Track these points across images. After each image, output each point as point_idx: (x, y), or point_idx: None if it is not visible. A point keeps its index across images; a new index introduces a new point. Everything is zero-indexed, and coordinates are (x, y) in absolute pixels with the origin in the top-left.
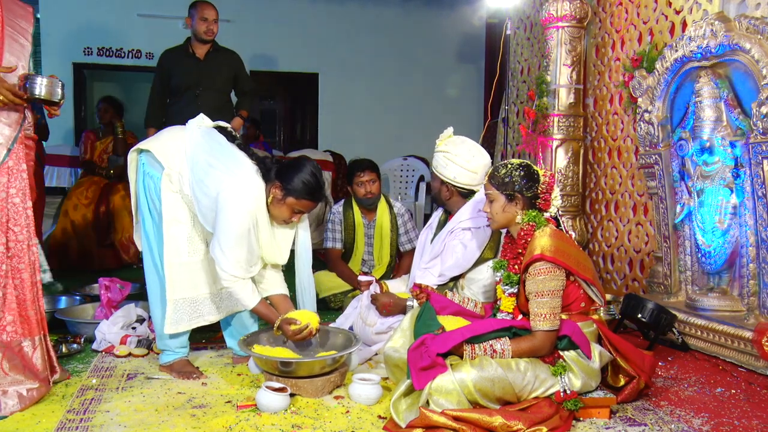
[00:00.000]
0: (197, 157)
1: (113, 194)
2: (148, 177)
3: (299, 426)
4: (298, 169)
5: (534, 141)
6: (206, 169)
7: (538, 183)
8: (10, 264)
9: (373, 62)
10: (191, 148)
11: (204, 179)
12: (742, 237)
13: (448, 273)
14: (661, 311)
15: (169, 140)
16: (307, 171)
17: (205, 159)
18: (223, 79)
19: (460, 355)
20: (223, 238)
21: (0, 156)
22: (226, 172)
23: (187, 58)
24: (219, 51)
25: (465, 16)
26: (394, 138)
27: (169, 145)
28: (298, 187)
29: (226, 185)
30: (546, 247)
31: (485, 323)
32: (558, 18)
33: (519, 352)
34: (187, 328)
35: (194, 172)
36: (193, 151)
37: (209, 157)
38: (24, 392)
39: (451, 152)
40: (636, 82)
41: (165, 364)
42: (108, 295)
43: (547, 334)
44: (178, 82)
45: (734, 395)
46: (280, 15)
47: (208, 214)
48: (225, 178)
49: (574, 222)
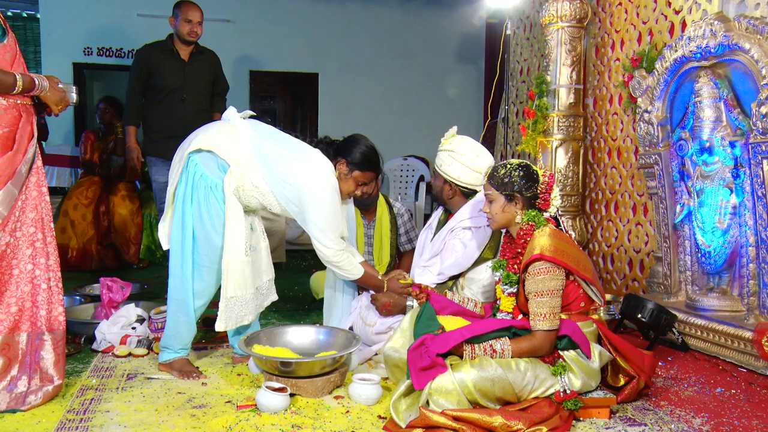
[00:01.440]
0: (263, 150)
1: (113, 194)
2: (199, 177)
3: (299, 426)
4: (356, 143)
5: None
6: (279, 160)
7: (538, 183)
8: (50, 259)
9: (372, 62)
10: (251, 142)
11: (281, 170)
12: (741, 237)
13: (447, 272)
14: (661, 311)
15: (224, 137)
16: (365, 143)
17: (273, 150)
18: (206, 81)
19: (460, 355)
20: (320, 219)
21: (29, 155)
22: (301, 160)
23: (171, 59)
24: (202, 52)
25: (465, 16)
26: (394, 138)
27: (229, 143)
28: (362, 160)
29: (309, 171)
30: (546, 247)
31: (485, 323)
32: (558, 18)
33: (519, 351)
34: (232, 327)
35: (267, 165)
36: (256, 145)
37: (276, 148)
38: (50, 388)
39: (456, 151)
40: (636, 82)
41: (165, 362)
42: (109, 295)
43: (547, 333)
44: (162, 83)
45: (734, 395)
46: (280, 15)
47: (289, 203)
48: (303, 165)
49: (574, 222)
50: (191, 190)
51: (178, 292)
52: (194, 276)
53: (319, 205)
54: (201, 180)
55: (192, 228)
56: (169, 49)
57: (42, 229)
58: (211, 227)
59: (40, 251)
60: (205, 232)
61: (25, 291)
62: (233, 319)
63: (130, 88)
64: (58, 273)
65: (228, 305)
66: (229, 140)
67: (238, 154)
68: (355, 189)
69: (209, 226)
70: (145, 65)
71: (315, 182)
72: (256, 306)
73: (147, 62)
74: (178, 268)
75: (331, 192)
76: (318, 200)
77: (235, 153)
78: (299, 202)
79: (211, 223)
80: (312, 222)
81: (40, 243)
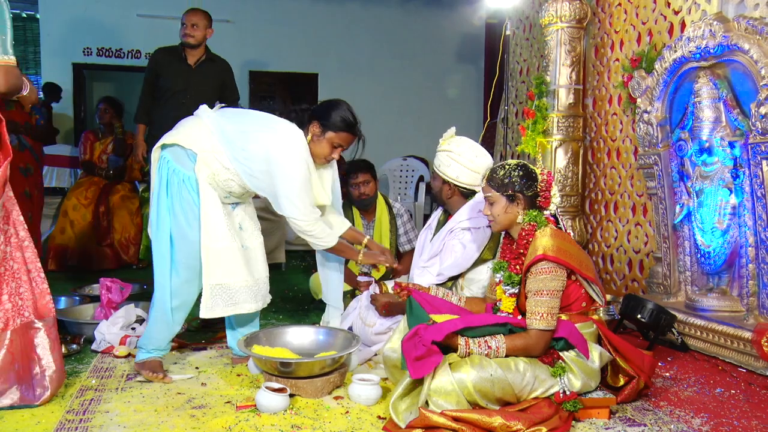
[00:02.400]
0: (226, 130)
1: (113, 194)
2: (171, 172)
3: (299, 426)
4: (334, 106)
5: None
6: (242, 137)
7: (537, 181)
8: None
9: (372, 62)
10: (215, 126)
11: (245, 146)
12: (741, 237)
13: (447, 272)
14: (661, 312)
15: (189, 128)
16: (343, 107)
17: (236, 128)
18: (212, 88)
19: (455, 348)
20: (289, 190)
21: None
22: (265, 131)
23: (178, 63)
24: (211, 60)
25: (465, 16)
26: (394, 138)
27: (192, 132)
28: (336, 121)
29: (274, 141)
30: (548, 247)
31: (481, 317)
32: (557, 18)
33: (513, 349)
34: (222, 314)
35: (231, 145)
36: (219, 128)
37: (239, 125)
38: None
39: (454, 151)
40: (635, 82)
41: (138, 361)
42: (109, 296)
43: (542, 333)
44: (167, 85)
45: (734, 396)
46: (280, 15)
47: (261, 178)
48: (267, 136)
49: (574, 222)
50: (165, 186)
51: (157, 290)
52: (171, 273)
53: (288, 174)
54: (173, 175)
55: (168, 224)
56: (177, 52)
57: (11, 223)
58: (185, 222)
59: (15, 246)
60: (180, 227)
61: (12, 287)
62: (220, 306)
63: (142, 88)
64: (37, 264)
65: (213, 292)
66: (192, 130)
67: (203, 142)
68: (331, 152)
69: (183, 220)
70: (154, 67)
71: (281, 151)
72: (257, 295)
73: (155, 64)
74: (157, 266)
75: (299, 159)
76: (285, 169)
77: (199, 141)
78: (268, 174)
79: (184, 218)
80: (282, 194)
81: (14, 238)
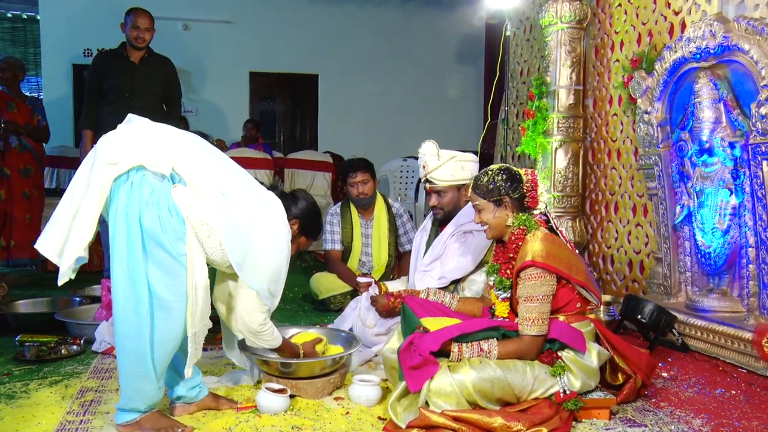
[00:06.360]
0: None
1: None
2: (152, 205)
3: (299, 427)
4: (312, 211)
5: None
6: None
7: (522, 182)
8: None
9: (372, 63)
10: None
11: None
12: (741, 238)
13: (449, 276)
14: (661, 312)
15: (155, 147)
16: (317, 212)
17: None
18: (156, 83)
19: (447, 353)
20: (264, 278)
21: None
22: (258, 201)
23: (122, 62)
24: (154, 57)
25: (465, 16)
26: (394, 139)
27: (162, 153)
28: (314, 230)
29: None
30: (537, 253)
31: (475, 322)
32: (558, 19)
33: (506, 354)
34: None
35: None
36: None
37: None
38: None
39: (457, 156)
40: (635, 83)
41: (126, 423)
42: (109, 297)
43: (534, 339)
44: (112, 85)
45: (734, 396)
46: (280, 15)
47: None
48: (262, 209)
49: (574, 223)
50: (137, 218)
51: (131, 341)
52: (155, 317)
53: (271, 260)
54: (154, 208)
55: (142, 261)
56: (120, 53)
57: None
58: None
59: None
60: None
61: None
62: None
63: (86, 92)
64: None
65: (196, 340)
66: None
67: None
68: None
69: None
70: (96, 70)
71: (274, 233)
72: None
73: (98, 67)
74: (129, 309)
75: (287, 249)
76: (271, 254)
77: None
78: (247, 248)
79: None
80: (253, 277)
81: None
